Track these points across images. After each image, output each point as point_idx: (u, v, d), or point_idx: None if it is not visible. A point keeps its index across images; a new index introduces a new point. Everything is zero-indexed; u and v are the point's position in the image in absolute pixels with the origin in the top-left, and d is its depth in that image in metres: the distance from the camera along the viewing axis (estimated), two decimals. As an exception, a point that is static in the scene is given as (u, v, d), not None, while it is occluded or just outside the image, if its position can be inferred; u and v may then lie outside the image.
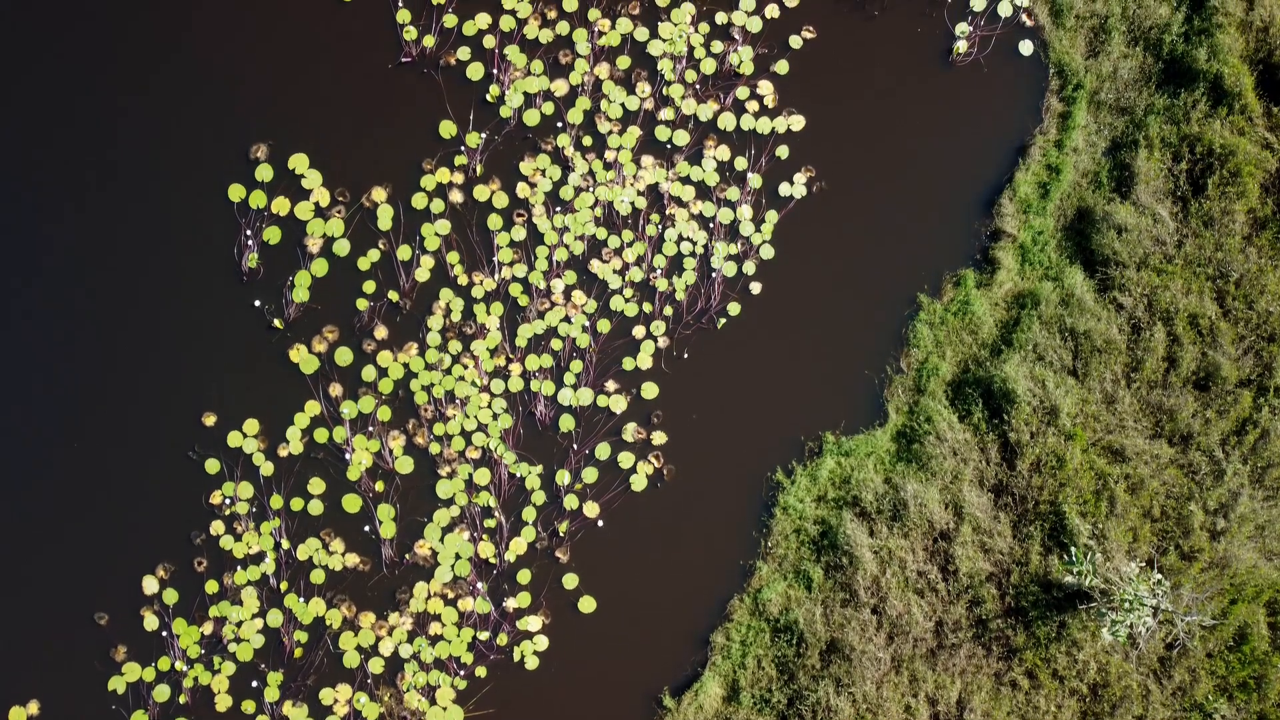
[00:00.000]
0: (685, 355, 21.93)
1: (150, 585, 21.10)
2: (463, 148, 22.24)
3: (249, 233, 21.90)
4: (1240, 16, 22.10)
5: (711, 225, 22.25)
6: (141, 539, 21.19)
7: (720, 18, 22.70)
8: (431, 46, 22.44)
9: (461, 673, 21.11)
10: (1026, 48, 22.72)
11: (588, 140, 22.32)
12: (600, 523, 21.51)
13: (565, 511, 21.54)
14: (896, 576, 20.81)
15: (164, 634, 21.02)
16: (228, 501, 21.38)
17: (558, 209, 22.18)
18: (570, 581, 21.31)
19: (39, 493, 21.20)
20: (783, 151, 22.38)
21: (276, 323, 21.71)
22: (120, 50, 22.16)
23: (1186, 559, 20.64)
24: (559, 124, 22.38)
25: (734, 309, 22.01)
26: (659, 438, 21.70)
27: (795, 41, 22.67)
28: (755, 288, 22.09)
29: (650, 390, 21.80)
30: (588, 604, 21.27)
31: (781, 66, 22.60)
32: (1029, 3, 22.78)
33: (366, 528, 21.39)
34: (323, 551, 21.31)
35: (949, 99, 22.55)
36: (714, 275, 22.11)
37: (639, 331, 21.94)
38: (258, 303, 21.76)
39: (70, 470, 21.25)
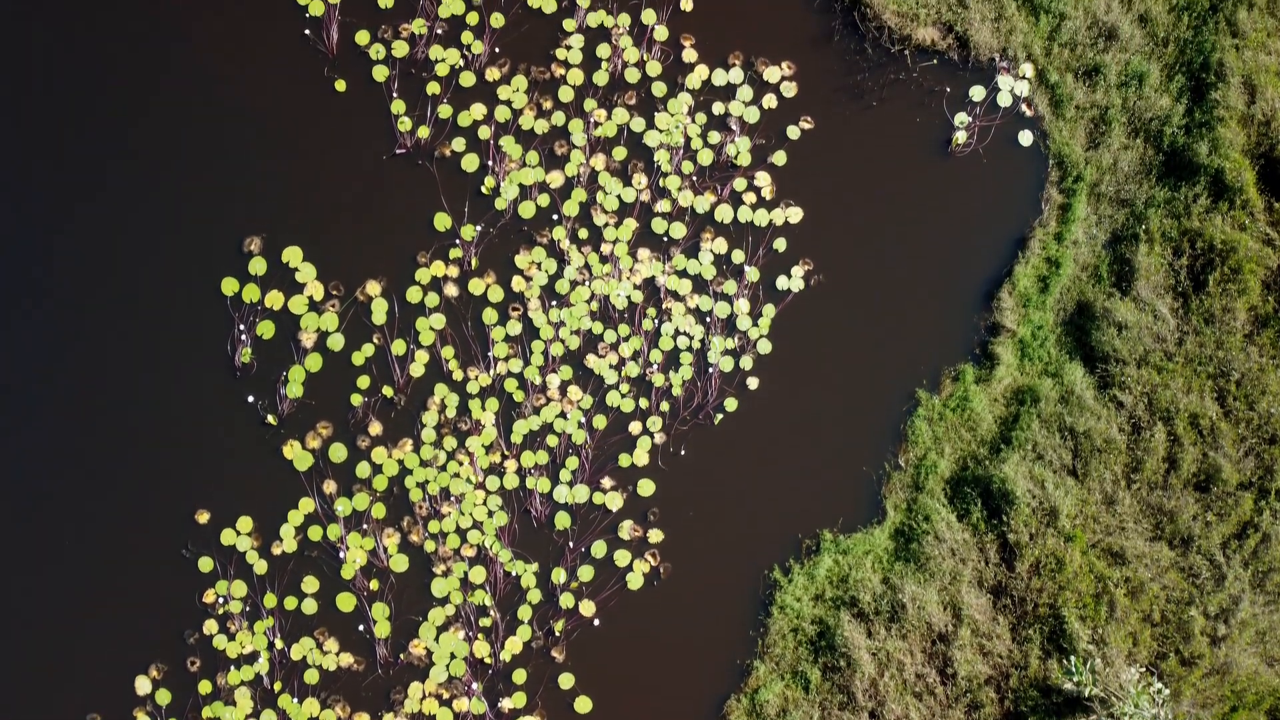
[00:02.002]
0: (682, 452, 21.78)
1: (143, 685, 20.94)
2: (458, 240, 22.08)
3: (242, 327, 21.74)
4: (1242, 110, 21.92)
5: (708, 319, 22.09)
6: (134, 638, 21.04)
7: (717, 108, 22.53)
8: (426, 137, 22.27)
9: (456, 774, 21.01)
10: (1026, 138, 22.55)
11: (584, 233, 22.16)
12: (596, 621, 21.37)
13: (561, 610, 21.39)
14: (895, 679, 20.66)
15: (157, 735, 20.95)
16: (221, 600, 21.24)
17: (553, 303, 22.03)
18: (566, 681, 21.16)
19: (31, 592, 21.05)
20: (780, 244, 22.23)
21: (270, 419, 21.55)
22: (112, 142, 21.99)
23: (1187, 665, 20.48)
24: (554, 216, 22.22)
25: (731, 404, 21.85)
26: (655, 535, 21.54)
27: (793, 132, 22.50)
28: (752, 383, 21.93)
29: (647, 487, 21.65)
30: (584, 704, 21.12)
31: (779, 157, 22.44)
32: (1029, 93, 22.60)
33: (361, 627, 21.25)
34: (317, 651, 21.16)
35: (948, 190, 22.38)
36: (711, 370, 21.96)
37: (635, 427, 21.78)
38: (251, 398, 21.61)
39: (62, 569, 21.10)
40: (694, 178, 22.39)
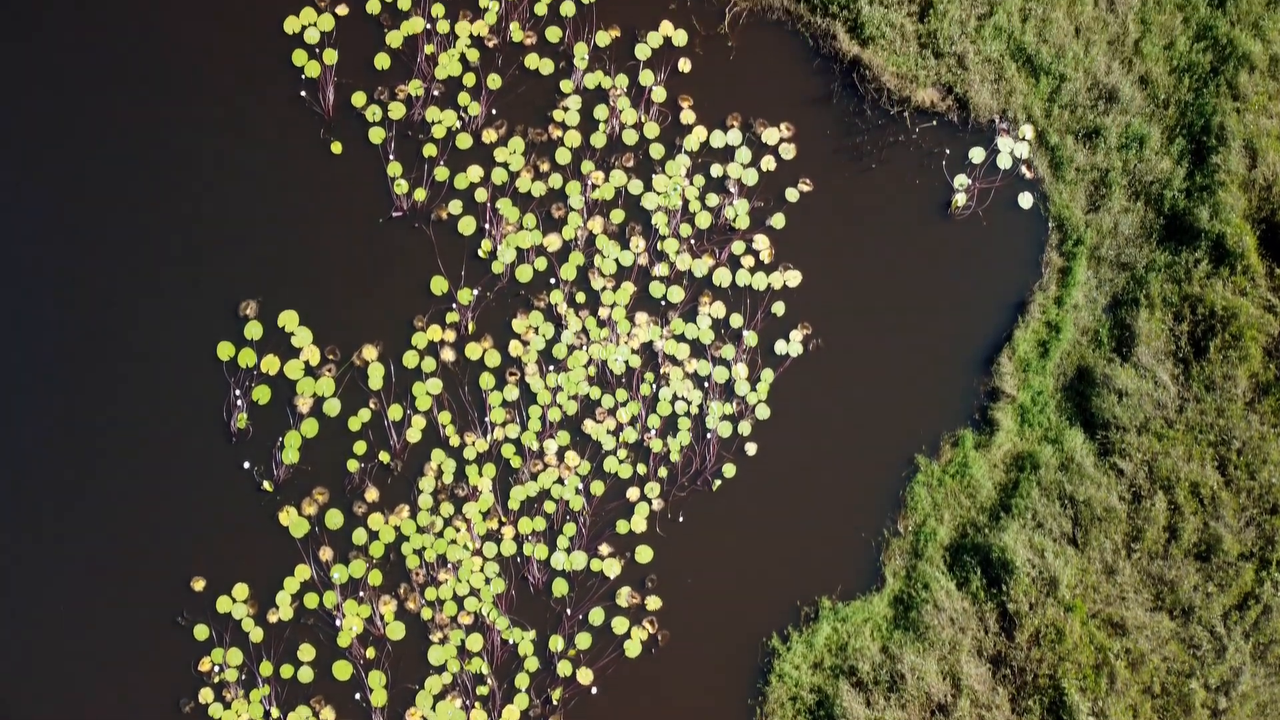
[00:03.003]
0: (680, 518, 21.67)
1: (138, 755, 20.91)
2: (454, 304, 21.96)
3: (238, 392, 21.62)
4: (1243, 174, 21.80)
5: (706, 384, 21.98)
6: (130, 707, 20.92)
7: (716, 170, 22.40)
8: (423, 200, 22.14)
9: (453, 845, 20.91)
10: (1026, 201, 22.43)
11: (581, 297, 22.03)
12: (594, 689, 21.26)
13: (559, 678, 21.29)
14: (894, 750, 20.58)
15: (152, 805, 20.83)
16: (217, 668, 21.12)
17: (551, 367, 21.91)
18: (564, 750, 21.14)
19: (26, 659, 20.93)
20: (779, 308, 22.11)
21: (266, 485, 21.43)
22: (104, 204, 21.85)
23: (1187, 738, 20.44)
24: (552, 280, 22.09)
25: (729, 470, 21.73)
26: (653, 602, 21.43)
27: (792, 194, 22.37)
28: (751, 449, 21.81)
29: (644, 554, 21.53)
30: (581, 773, 21.10)
31: (778, 220, 22.31)
32: (1029, 155, 22.48)
33: (357, 695, 21.14)
34: (313, 719, 21.06)
35: (947, 253, 22.26)
36: (709, 436, 21.84)
37: (633, 493, 21.67)
38: (247, 464, 21.49)
39: (56, 636, 20.98)
40: (692, 241, 22.27)
